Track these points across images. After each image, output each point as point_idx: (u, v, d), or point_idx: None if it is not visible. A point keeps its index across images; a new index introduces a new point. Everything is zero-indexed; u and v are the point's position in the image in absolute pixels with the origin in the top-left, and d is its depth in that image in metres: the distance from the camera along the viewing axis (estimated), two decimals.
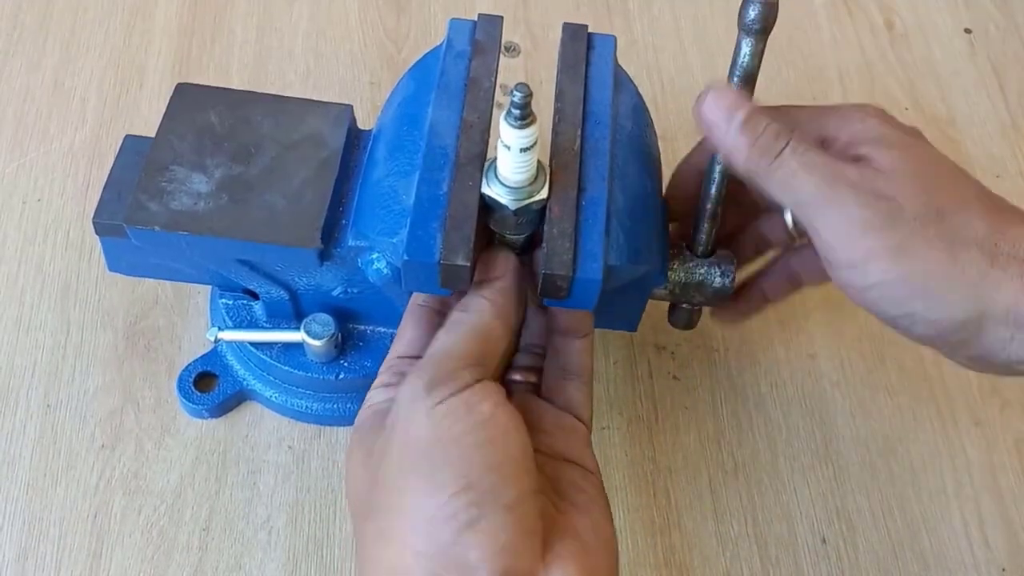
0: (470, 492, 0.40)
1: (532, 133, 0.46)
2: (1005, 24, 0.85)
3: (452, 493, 0.40)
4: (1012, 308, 0.45)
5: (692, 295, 0.58)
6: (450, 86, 0.54)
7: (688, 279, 0.57)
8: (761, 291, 0.59)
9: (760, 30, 0.50)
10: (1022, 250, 0.46)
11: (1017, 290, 0.45)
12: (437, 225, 0.49)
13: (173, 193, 0.53)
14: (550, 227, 0.49)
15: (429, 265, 0.48)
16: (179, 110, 0.56)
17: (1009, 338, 0.46)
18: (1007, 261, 0.45)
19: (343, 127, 0.56)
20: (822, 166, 0.47)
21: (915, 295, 0.46)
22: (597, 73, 0.55)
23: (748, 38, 0.50)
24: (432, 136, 0.52)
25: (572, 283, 0.49)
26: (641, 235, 0.53)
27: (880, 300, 0.47)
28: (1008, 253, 0.46)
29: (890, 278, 0.46)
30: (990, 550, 0.61)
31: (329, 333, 0.57)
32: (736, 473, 0.63)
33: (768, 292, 0.59)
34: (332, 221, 0.54)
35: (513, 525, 0.41)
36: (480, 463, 0.41)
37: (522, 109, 0.45)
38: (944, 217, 0.46)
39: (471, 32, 0.56)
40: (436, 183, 0.50)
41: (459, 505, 0.40)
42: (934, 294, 0.46)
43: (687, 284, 0.57)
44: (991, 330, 0.46)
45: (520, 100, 0.45)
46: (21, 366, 0.63)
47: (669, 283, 0.57)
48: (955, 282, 0.45)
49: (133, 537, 0.58)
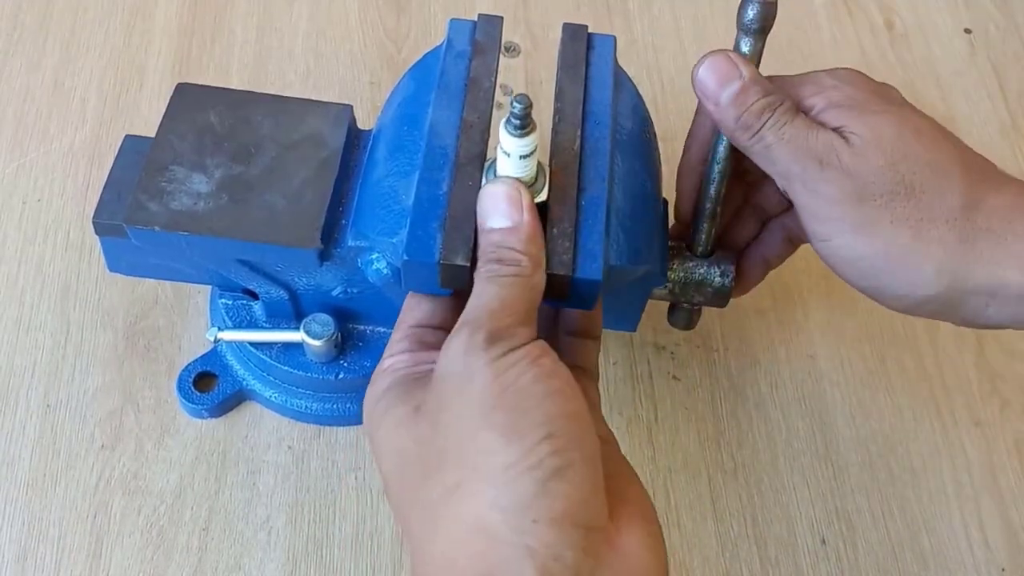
0: (553, 440, 0.38)
1: (531, 141, 0.46)
2: (1005, 24, 0.85)
3: (535, 442, 0.38)
4: (984, 281, 0.46)
5: (692, 295, 0.58)
6: (450, 86, 0.54)
7: (688, 278, 0.57)
8: (762, 257, 0.59)
9: (759, 30, 0.50)
10: (996, 222, 0.46)
11: (988, 263, 0.46)
12: (437, 225, 0.49)
13: (173, 193, 0.53)
14: (550, 227, 0.49)
15: (429, 265, 0.48)
16: (179, 110, 0.56)
17: (984, 306, 0.47)
18: (979, 234, 0.46)
19: (343, 127, 0.56)
20: (795, 142, 0.48)
21: (880, 271, 0.47)
22: (597, 73, 0.56)
23: (747, 37, 0.51)
24: (432, 136, 0.52)
25: (572, 283, 0.49)
26: (641, 235, 0.53)
27: (848, 273, 0.49)
28: (983, 227, 0.46)
29: (855, 254, 0.47)
30: (990, 550, 0.61)
31: (329, 333, 0.57)
32: (736, 473, 0.63)
33: (768, 256, 0.59)
34: (332, 221, 0.54)
35: (593, 478, 0.39)
36: (557, 412, 0.39)
37: (522, 119, 0.46)
38: (914, 192, 0.46)
39: (471, 32, 0.56)
40: (436, 183, 0.50)
41: (543, 454, 0.38)
42: (899, 271, 0.47)
43: (687, 283, 0.57)
44: (965, 301, 0.47)
45: (520, 111, 0.45)
46: (21, 366, 0.63)
47: (669, 282, 0.57)
48: (920, 260, 0.46)
49: (133, 537, 0.58)
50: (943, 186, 0.47)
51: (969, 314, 0.48)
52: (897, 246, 0.47)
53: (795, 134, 0.48)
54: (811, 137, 0.48)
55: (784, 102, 0.49)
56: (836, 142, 0.48)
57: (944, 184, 0.47)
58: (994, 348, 0.68)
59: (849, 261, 0.48)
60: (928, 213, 0.46)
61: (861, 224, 0.47)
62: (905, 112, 0.50)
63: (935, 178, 0.47)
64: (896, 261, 0.47)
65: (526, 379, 0.40)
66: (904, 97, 0.51)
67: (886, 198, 0.47)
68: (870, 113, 0.48)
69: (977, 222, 0.46)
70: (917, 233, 0.46)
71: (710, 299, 0.58)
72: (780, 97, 0.49)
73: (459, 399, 0.40)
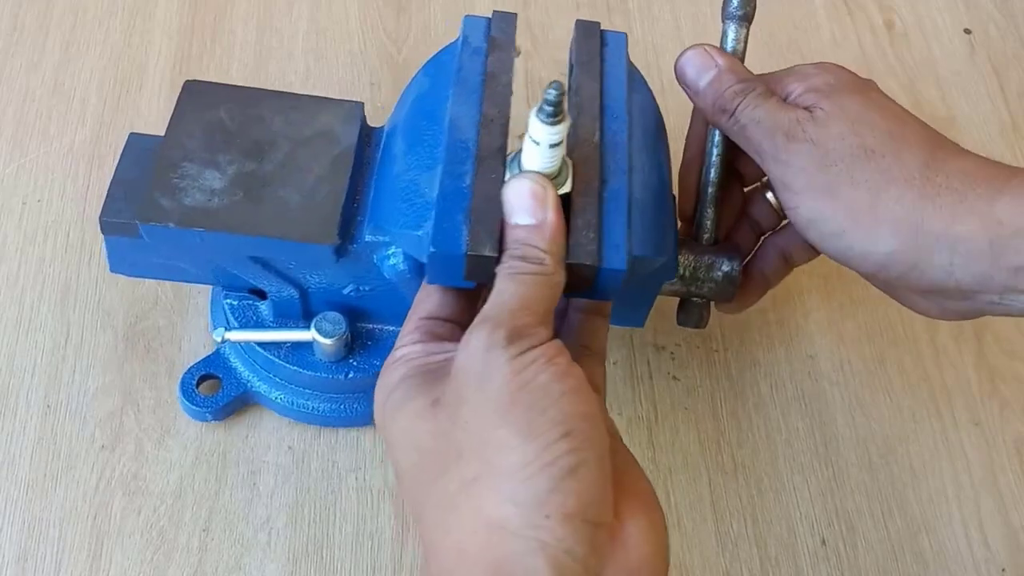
0: (568, 439, 0.39)
1: (562, 130, 0.47)
2: (1005, 24, 0.85)
3: (551, 440, 0.39)
4: (944, 235, 0.48)
5: (701, 283, 0.58)
6: (468, 81, 0.54)
7: (697, 264, 0.58)
8: (761, 274, 0.61)
9: (743, 16, 0.56)
10: (956, 182, 0.48)
11: (947, 218, 0.48)
12: (462, 217, 0.49)
13: (186, 190, 0.53)
14: (574, 218, 0.50)
15: (456, 257, 0.48)
16: (188, 107, 0.56)
17: (949, 264, 0.48)
18: (939, 192, 0.48)
19: (355, 123, 0.56)
20: (766, 120, 0.51)
21: (845, 230, 0.49)
22: (611, 69, 0.56)
23: (732, 24, 0.55)
24: (453, 130, 0.52)
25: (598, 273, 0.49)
26: (658, 227, 0.54)
27: (819, 237, 0.51)
28: (942, 184, 0.48)
29: (820, 216, 0.50)
30: (990, 550, 0.61)
31: (340, 332, 0.57)
32: (736, 474, 0.63)
33: (766, 272, 0.60)
34: (348, 217, 0.54)
35: (604, 476, 0.41)
36: (573, 411, 0.40)
37: (555, 106, 0.46)
38: (873, 156, 0.49)
39: (486, 29, 0.56)
40: (459, 176, 0.50)
41: (559, 451, 0.39)
42: (861, 229, 0.49)
43: (696, 270, 0.58)
44: (930, 259, 0.48)
45: (554, 98, 0.45)
46: (21, 367, 0.63)
47: (679, 266, 0.58)
48: (878, 215, 0.49)
49: (133, 538, 0.59)
50: (902, 150, 0.50)
51: (937, 275, 0.49)
52: (857, 205, 0.49)
53: (766, 114, 0.52)
54: (780, 115, 0.51)
55: (757, 87, 0.53)
56: (802, 117, 0.51)
57: (903, 148, 0.50)
58: (994, 348, 0.68)
59: (815, 225, 0.51)
60: (887, 175, 0.49)
61: (824, 189, 0.50)
62: (874, 95, 0.53)
63: (894, 143, 0.50)
64: (856, 219, 0.49)
65: (544, 378, 0.41)
66: (882, 91, 0.54)
67: (847, 163, 0.49)
68: (841, 94, 0.52)
69: (936, 180, 0.49)
70: (876, 193, 0.49)
71: (719, 285, 0.58)
72: (753, 83, 0.53)
73: (478, 395, 0.41)
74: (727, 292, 0.59)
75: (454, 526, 0.40)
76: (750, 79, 0.53)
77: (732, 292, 0.59)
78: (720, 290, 0.58)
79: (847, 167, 0.49)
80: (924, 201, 0.48)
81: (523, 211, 0.46)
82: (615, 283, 0.50)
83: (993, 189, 0.48)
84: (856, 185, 0.49)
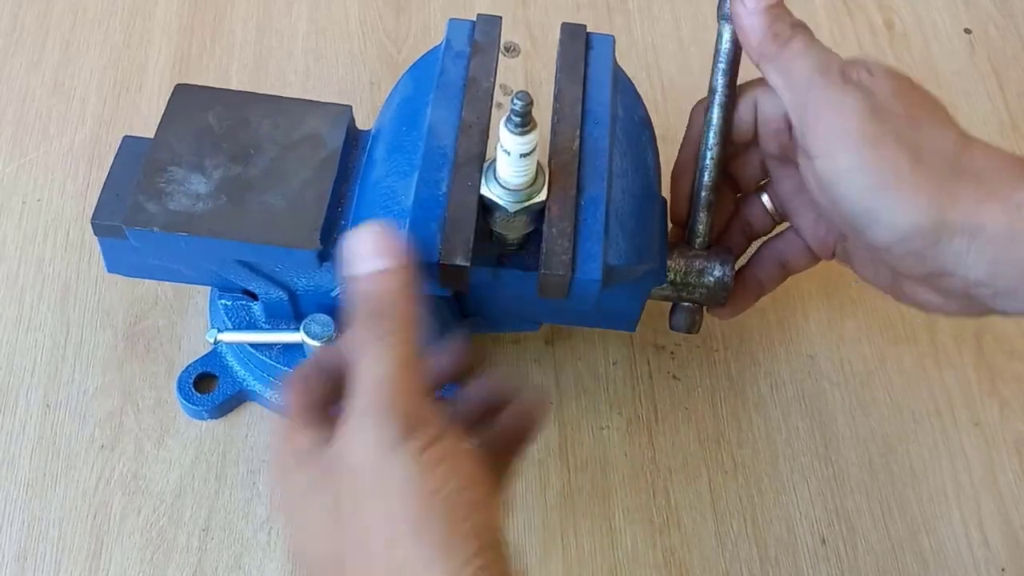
0: (483, 554, 0.38)
1: (532, 140, 0.46)
2: (1005, 24, 0.84)
3: (467, 558, 0.37)
4: (967, 219, 0.47)
5: (693, 288, 0.58)
6: (449, 86, 0.54)
7: (688, 268, 0.57)
8: (756, 279, 0.60)
9: None
10: (983, 167, 0.48)
11: (972, 201, 0.47)
12: (436, 226, 0.49)
13: (172, 194, 0.53)
14: (549, 227, 0.49)
15: (429, 266, 0.48)
16: (178, 111, 0.56)
17: (965, 250, 0.47)
18: (967, 173, 0.47)
19: (342, 127, 0.56)
20: (822, 56, 0.50)
21: (878, 190, 0.48)
22: (596, 73, 0.56)
23: (728, 24, 0.54)
24: (431, 136, 0.52)
25: (571, 283, 0.49)
26: (641, 234, 0.53)
27: (846, 192, 0.49)
28: (968, 168, 0.48)
29: (857, 167, 0.48)
30: (990, 550, 0.61)
31: (329, 334, 0.57)
32: (736, 473, 0.63)
33: (762, 279, 0.60)
34: (331, 222, 0.54)
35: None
36: (484, 524, 0.39)
37: (523, 117, 0.46)
38: (919, 126, 0.48)
39: (470, 32, 0.56)
40: (435, 183, 0.50)
41: (480, 565, 0.38)
42: (895, 191, 0.47)
43: (687, 274, 0.57)
44: (947, 240, 0.47)
45: (521, 108, 0.45)
46: (20, 366, 0.63)
47: (670, 271, 0.57)
48: (917, 183, 0.47)
49: (133, 537, 0.58)
50: (940, 124, 0.49)
51: (949, 258, 0.48)
52: (899, 164, 0.47)
53: (821, 51, 0.50)
54: (835, 56, 0.50)
55: (808, 28, 0.51)
56: (859, 65, 0.50)
57: (940, 123, 0.49)
58: (994, 348, 0.68)
59: (853, 176, 0.48)
60: (927, 143, 0.48)
61: (872, 139, 0.48)
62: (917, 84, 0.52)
63: (933, 116, 0.49)
64: (898, 178, 0.47)
65: (453, 485, 0.38)
66: None
67: (896, 121, 0.48)
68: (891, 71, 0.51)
69: (965, 163, 0.48)
70: (917, 157, 0.47)
71: (711, 290, 0.58)
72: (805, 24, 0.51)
73: (380, 500, 0.38)
74: (719, 297, 0.58)
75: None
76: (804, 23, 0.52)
77: (724, 297, 0.58)
78: (712, 295, 0.58)
79: (896, 125, 0.48)
80: (954, 178, 0.47)
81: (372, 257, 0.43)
82: (590, 293, 0.49)
83: (1015, 176, 0.48)
84: (901, 145, 0.47)
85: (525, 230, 0.51)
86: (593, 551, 0.60)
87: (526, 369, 0.66)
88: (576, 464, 0.63)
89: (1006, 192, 0.47)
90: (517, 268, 0.52)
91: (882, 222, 0.48)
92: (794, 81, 0.50)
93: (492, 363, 0.66)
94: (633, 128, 0.55)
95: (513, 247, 0.52)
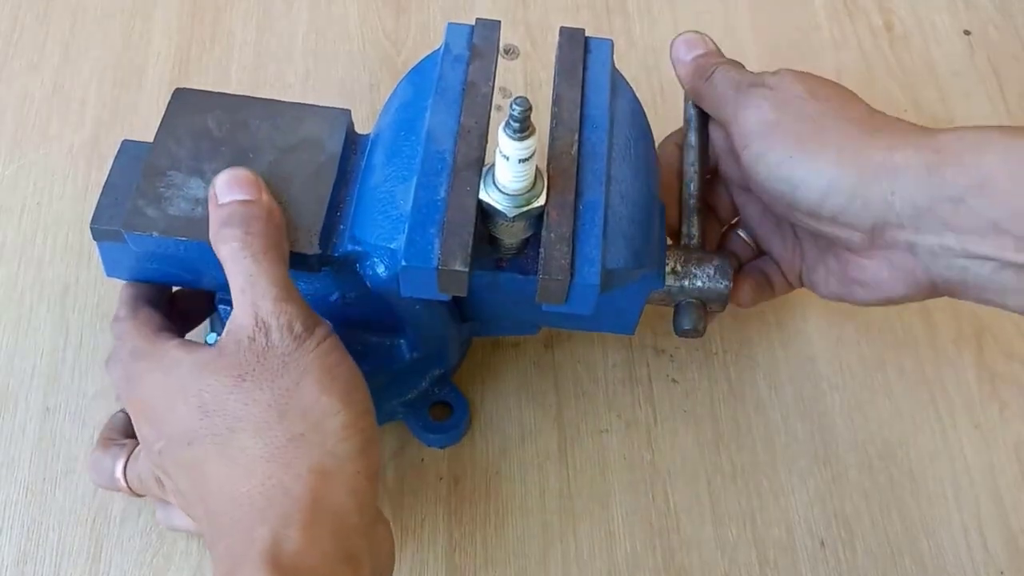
0: (370, 415, 0.49)
1: (530, 145, 0.46)
2: (1005, 25, 0.84)
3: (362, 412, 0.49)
4: (884, 161, 0.50)
5: (693, 280, 0.58)
6: (448, 91, 0.54)
7: (688, 258, 0.58)
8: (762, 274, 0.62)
9: None
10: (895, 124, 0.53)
11: (886, 147, 0.51)
12: (435, 231, 0.49)
13: (171, 199, 0.53)
14: (547, 232, 0.49)
15: (427, 271, 0.48)
16: (177, 114, 0.56)
17: (890, 192, 0.50)
18: (879, 130, 0.52)
19: (341, 131, 0.56)
20: (736, 76, 0.57)
21: (787, 159, 0.52)
22: (594, 77, 0.56)
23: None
24: (430, 141, 0.52)
25: (570, 287, 0.49)
26: (639, 238, 0.53)
27: (767, 171, 0.53)
28: (882, 126, 0.52)
29: (769, 147, 0.53)
30: (989, 553, 0.61)
31: None
32: (735, 476, 0.63)
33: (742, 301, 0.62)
34: (330, 226, 0.54)
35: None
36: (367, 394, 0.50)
37: (521, 122, 0.46)
38: (824, 105, 0.53)
39: (469, 36, 0.56)
40: (434, 188, 0.50)
41: (367, 423, 0.49)
42: (806, 153, 0.52)
43: (686, 264, 0.58)
44: (869, 186, 0.51)
45: (519, 114, 0.45)
46: (20, 369, 0.64)
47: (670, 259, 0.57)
48: (825, 141, 0.52)
49: (132, 541, 0.59)
50: (847, 102, 0.54)
51: (877, 206, 0.51)
52: (804, 134, 0.53)
53: (736, 73, 0.57)
54: (747, 74, 0.57)
55: (731, 62, 0.59)
56: (766, 75, 0.56)
57: (848, 101, 0.54)
58: (993, 350, 0.68)
59: (764, 158, 0.53)
60: (834, 114, 0.53)
61: (775, 123, 0.53)
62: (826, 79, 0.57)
63: (841, 97, 0.55)
64: (802, 144, 0.52)
65: (347, 364, 0.50)
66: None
67: (797, 104, 0.54)
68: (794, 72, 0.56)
69: (877, 123, 0.53)
70: (821, 125, 0.52)
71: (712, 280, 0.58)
72: (729, 60, 0.59)
73: (297, 373, 0.48)
74: (720, 288, 0.58)
75: (272, 472, 0.46)
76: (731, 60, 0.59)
77: (725, 288, 0.58)
78: (712, 290, 0.58)
79: (797, 108, 0.53)
80: (865, 135, 0.52)
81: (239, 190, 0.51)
82: (589, 297, 0.49)
83: (930, 131, 0.51)
84: (804, 120, 0.53)
85: (524, 235, 0.51)
86: (592, 554, 0.60)
87: (525, 372, 0.66)
88: (575, 467, 0.63)
89: (922, 138, 0.51)
90: (516, 272, 0.52)
91: (802, 186, 0.52)
92: (717, 101, 0.57)
93: (492, 367, 0.66)
94: (631, 132, 0.55)
95: (512, 252, 0.52)
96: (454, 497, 0.62)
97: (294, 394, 0.48)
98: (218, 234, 0.50)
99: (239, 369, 0.48)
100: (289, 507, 0.45)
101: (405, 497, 0.61)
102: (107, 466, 0.55)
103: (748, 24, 0.82)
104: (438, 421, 0.63)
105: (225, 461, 0.47)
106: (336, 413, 0.48)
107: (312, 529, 0.45)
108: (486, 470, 0.63)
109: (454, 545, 0.60)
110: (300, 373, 0.48)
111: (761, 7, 0.83)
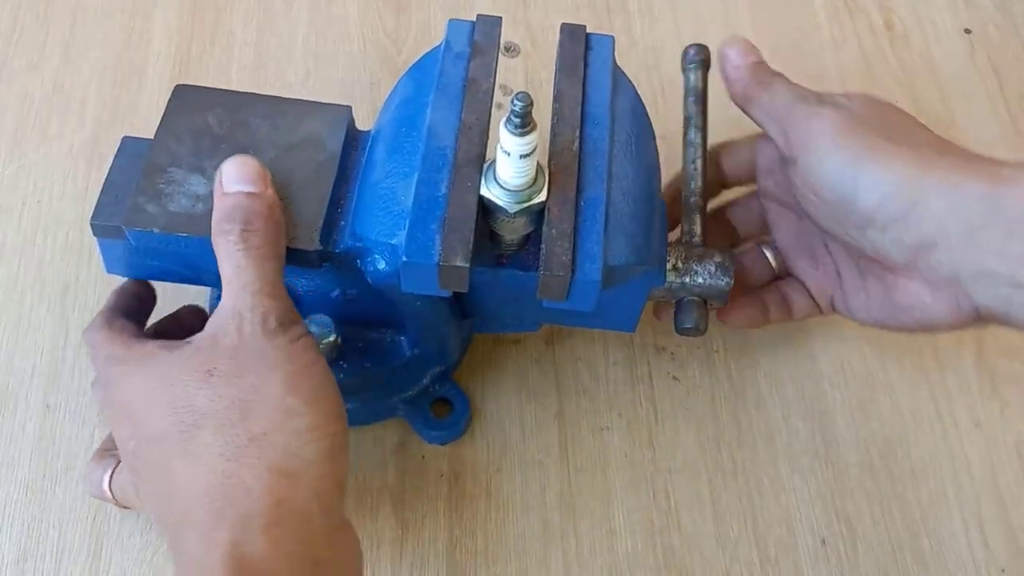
0: (340, 420, 0.49)
1: (532, 140, 0.46)
2: (1005, 24, 0.84)
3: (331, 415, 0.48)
4: (945, 179, 0.50)
5: (694, 276, 0.58)
6: (449, 87, 0.54)
7: (689, 254, 0.58)
8: (763, 302, 0.62)
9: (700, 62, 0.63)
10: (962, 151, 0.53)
11: (949, 169, 0.51)
12: (436, 227, 0.49)
13: (171, 195, 0.53)
14: (549, 228, 0.49)
15: (428, 267, 0.48)
16: (177, 112, 0.56)
17: (947, 207, 0.50)
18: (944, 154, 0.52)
19: (341, 129, 0.56)
20: (800, 90, 0.57)
21: (855, 160, 0.52)
22: (595, 74, 0.56)
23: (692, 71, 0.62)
24: (431, 137, 0.52)
25: (571, 284, 0.49)
26: (640, 235, 0.53)
27: (831, 174, 0.53)
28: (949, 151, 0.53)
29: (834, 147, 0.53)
30: (990, 551, 0.61)
31: (328, 334, 0.57)
32: (736, 474, 0.63)
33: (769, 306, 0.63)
34: (331, 222, 0.54)
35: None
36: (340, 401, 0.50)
37: (522, 118, 0.46)
38: (894, 127, 0.54)
39: (470, 33, 0.56)
40: (435, 184, 0.50)
41: (336, 428, 0.48)
42: (871, 160, 0.52)
43: (687, 259, 0.58)
44: (929, 199, 0.51)
45: (520, 109, 0.45)
46: (20, 367, 0.63)
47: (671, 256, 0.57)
48: (893, 153, 0.52)
49: (133, 539, 0.58)
50: (916, 128, 0.55)
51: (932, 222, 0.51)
52: (874, 143, 0.52)
53: (799, 87, 0.57)
54: (811, 91, 0.57)
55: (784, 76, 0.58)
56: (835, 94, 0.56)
57: (917, 128, 0.55)
58: (994, 349, 0.68)
59: (831, 162, 0.53)
60: (904, 130, 0.54)
61: (845, 128, 0.53)
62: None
63: (910, 125, 0.55)
64: (873, 150, 0.52)
65: (320, 366, 0.49)
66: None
67: (870, 119, 0.54)
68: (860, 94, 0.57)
69: (945, 146, 0.53)
70: (893, 138, 0.52)
71: (713, 277, 0.57)
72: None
73: (265, 370, 0.47)
74: (721, 285, 0.58)
75: (233, 471, 0.46)
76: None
77: (727, 285, 0.58)
78: (713, 287, 0.58)
79: (870, 122, 0.53)
80: (934, 153, 0.52)
81: (245, 180, 0.51)
82: (590, 293, 0.49)
83: (996, 161, 0.51)
84: (876, 131, 0.53)
85: (525, 231, 0.51)
86: (593, 551, 0.60)
87: (526, 369, 0.66)
88: (576, 465, 0.63)
89: (979, 163, 0.51)
90: (517, 268, 0.52)
91: (863, 187, 0.52)
92: (777, 110, 0.56)
93: (493, 364, 0.66)
94: (633, 129, 0.55)
95: (513, 248, 0.52)
96: (455, 494, 0.62)
97: (260, 392, 0.47)
98: (219, 225, 0.50)
99: (209, 364, 0.48)
100: (249, 507, 0.45)
101: (406, 494, 0.61)
102: (97, 477, 0.55)
103: (748, 24, 0.82)
104: (439, 418, 0.63)
105: (188, 458, 0.46)
106: (301, 414, 0.47)
107: (274, 531, 0.45)
108: (487, 467, 0.63)
109: (455, 542, 0.60)
110: (268, 370, 0.47)
111: (761, 7, 0.83)
